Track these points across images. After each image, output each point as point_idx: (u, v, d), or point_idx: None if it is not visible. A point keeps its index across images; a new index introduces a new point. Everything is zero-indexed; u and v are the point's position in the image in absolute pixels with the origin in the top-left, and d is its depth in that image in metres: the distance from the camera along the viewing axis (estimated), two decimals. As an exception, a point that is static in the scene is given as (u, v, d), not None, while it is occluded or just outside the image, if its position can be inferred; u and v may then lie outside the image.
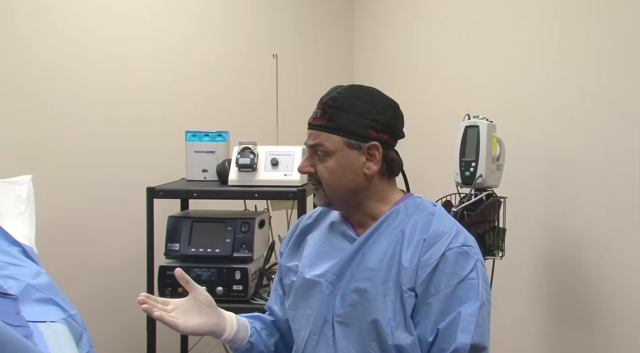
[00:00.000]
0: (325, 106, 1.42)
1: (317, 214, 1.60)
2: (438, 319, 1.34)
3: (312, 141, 1.43)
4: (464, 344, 1.31)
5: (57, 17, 2.94)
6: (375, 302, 1.37)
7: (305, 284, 1.48)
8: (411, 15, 3.15)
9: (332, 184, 1.43)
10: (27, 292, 1.79)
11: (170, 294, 2.40)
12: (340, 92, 1.44)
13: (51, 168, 2.90)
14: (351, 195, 1.44)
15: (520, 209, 2.29)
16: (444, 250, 1.36)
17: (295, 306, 1.50)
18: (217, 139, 2.72)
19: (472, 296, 1.34)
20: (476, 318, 1.33)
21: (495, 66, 2.53)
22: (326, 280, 1.44)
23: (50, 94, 2.93)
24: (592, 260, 2.06)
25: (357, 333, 1.39)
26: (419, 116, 3.03)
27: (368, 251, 1.43)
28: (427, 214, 1.45)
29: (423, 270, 1.36)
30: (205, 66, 3.26)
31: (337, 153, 1.41)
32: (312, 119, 1.45)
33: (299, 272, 1.51)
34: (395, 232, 1.43)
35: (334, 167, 1.41)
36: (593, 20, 2.05)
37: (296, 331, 1.50)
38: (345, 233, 1.49)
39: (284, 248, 1.62)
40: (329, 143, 1.41)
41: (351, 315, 1.40)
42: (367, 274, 1.40)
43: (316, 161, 1.44)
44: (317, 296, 1.44)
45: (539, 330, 2.32)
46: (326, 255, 1.48)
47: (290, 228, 1.66)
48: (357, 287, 1.40)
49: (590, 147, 2.07)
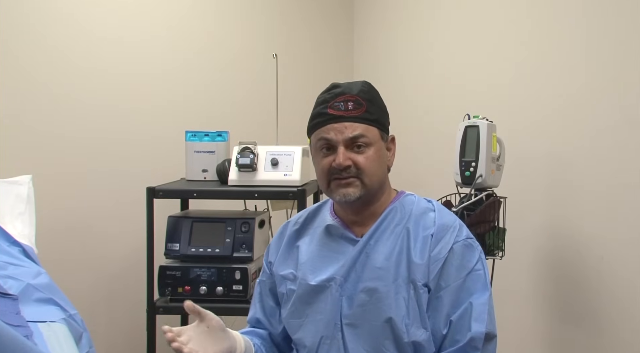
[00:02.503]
0: (359, 99, 1.42)
1: (303, 220, 1.58)
2: (450, 311, 1.37)
3: (350, 133, 1.40)
4: (479, 333, 1.34)
5: (58, 20, 2.94)
6: (388, 301, 1.38)
7: (311, 290, 1.46)
8: (411, 15, 3.15)
9: (373, 174, 1.42)
10: (27, 292, 1.79)
11: (170, 294, 2.40)
12: (364, 86, 1.45)
13: (51, 168, 2.90)
14: (379, 187, 1.46)
15: (520, 209, 2.29)
16: (452, 243, 1.40)
17: (300, 314, 1.47)
18: (217, 139, 2.72)
19: (480, 286, 1.38)
20: (487, 307, 1.37)
21: (496, 66, 2.53)
22: (335, 283, 1.43)
23: (50, 94, 2.93)
24: (592, 260, 2.06)
25: (368, 333, 1.39)
26: (419, 116, 3.03)
27: (372, 251, 1.43)
28: (427, 209, 1.47)
29: (434, 265, 1.38)
30: (206, 65, 3.26)
31: (376, 144, 1.43)
32: (343, 111, 1.41)
33: (301, 279, 1.48)
34: (397, 230, 1.44)
35: (374, 157, 1.42)
36: (593, 20, 2.05)
37: (301, 338, 1.47)
38: (344, 235, 1.48)
39: (274, 257, 1.57)
40: (370, 134, 1.42)
41: (360, 315, 1.40)
42: (375, 273, 1.40)
43: (350, 153, 1.41)
44: (326, 300, 1.44)
45: (539, 330, 2.32)
46: (328, 260, 1.47)
47: (274, 236, 1.62)
48: (366, 287, 1.40)
49: (590, 147, 2.07)
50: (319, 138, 1.43)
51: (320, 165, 1.45)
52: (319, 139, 1.43)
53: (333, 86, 1.46)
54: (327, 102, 1.43)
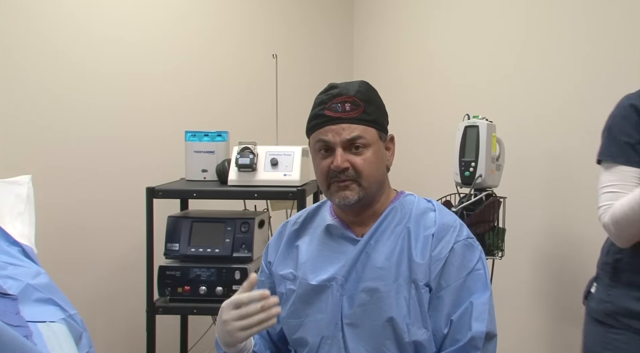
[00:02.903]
0: (357, 100, 1.42)
1: (302, 220, 1.58)
2: (451, 311, 1.38)
3: (348, 135, 1.40)
4: (480, 332, 1.34)
5: (58, 19, 2.94)
6: (389, 300, 1.38)
7: (311, 290, 1.46)
8: (411, 16, 3.15)
9: (371, 176, 1.42)
10: (27, 292, 1.79)
11: (169, 294, 2.40)
12: (361, 86, 1.44)
13: (51, 168, 2.90)
14: (378, 188, 1.45)
15: (520, 209, 2.29)
16: (452, 243, 1.40)
17: (301, 314, 1.47)
18: (217, 139, 2.72)
19: (481, 286, 1.39)
20: (488, 306, 1.37)
21: (496, 66, 2.53)
22: (336, 283, 1.43)
23: (50, 95, 2.93)
24: (591, 260, 2.06)
25: (368, 333, 1.39)
26: (418, 117, 3.03)
27: (372, 251, 1.43)
28: (427, 209, 1.47)
29: (435, 265, 1.39)
30: (205, 65, 3.26)
31: (374, 145, 1.42)
32: (341, 113, 1.40)
33: (301, 279, 1.48)
34: (398, 229, 1.44)
35: (372, 159, 1.42)
36: (593, 20, 2.05)
37: (301, 338, 1.47)
38: (344, 235, 1.48)
39: (273, 257, 1.58)
40: (368, 135, 1.41)
41: (361, 315, 1.40)
42: (376, 273, 1.41)
43: (348, 155, 1.41)
44: (327, 300, 1.44)
45: (539, 329, 2.32)
46: (328, 259, 1.47)
47: (273, 236, 1.62)
48: (367, 287, 1.40)
49: (590, 147, 2.06)
50: (317, 139, 1.43)
51: (319, 167, 1.45)
52: (317, 141, 1.43)
53: (330, 86, 1.46)
54: (324, 104, 1.43)
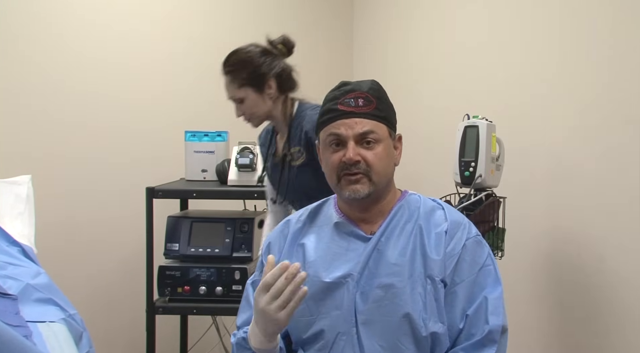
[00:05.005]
0: (369, 96, 1.43)
1: (305, 218, 1.56)
2: (466, 306, 1.40)
3: (361, 129, 1.41)
4: (497, 326, 1.38)
5: (57, 19, 2.94)
6: (404, 296, 1.39)
7: (325, 288, 1.45)
8: (411, 15, 3.15)
9: (382, 171, 1.43)
10: (27, 292, 1.79)
11: (169, 294, 2.40)
12: (374, 84, 1.47)
13: (51, 168, 2.90)
14: (386, 184, 1.47)
15: (520, 209, 2.28)
16: (464, 240, 1.44)
17: (313, 311, 1.46)
18: (217, 139, 2.72)
19: (492, 281, 1.43)
20: (502, 301, 1.41)
21: (496, 66, 2.53)
22: (352, 279, 1.43)
23: (50, 95, 2.93)
24: (591, 260, 2.06)
25: (383, 329, 1.40)
26: (418, 116, 3.03)
27: (384, 248, 1.44)
28: (435, 207, 1.50)
29: (450, 261, 1.42)
30: (205, 65, 3.25)
31: (385, 141, 1.44)
32: (354, 108, 1.42)
33: (312, 277, 1.45)
34: (408, 227, 1.45)
35: (383, 154, 1.43)
36: (593, 21, 2.05)
37: (314, 335, 1.45)
38: (353, 232, 1.48)
39: (277, 256, 1.53)
40: (380, 131, 1.43)
41: (376, 311, 1.41)
42: (391, 269, 1.41)
43: (360, 149, 1.42)
44: (342, 297, 1.43)
45: (539, 330, 2.32)
46: (340, 257, 1.46)
47: (274, 234, 1.58)
48: (382, 283, 1.41)
49: (590, 147, 2.07)
50: (329, 133, 1.44)
51: (330, 160, 1.44)
52: (329, 135, 1.44)
53: (343, 83, 1.48)
54: (337, 99, 1.44)
